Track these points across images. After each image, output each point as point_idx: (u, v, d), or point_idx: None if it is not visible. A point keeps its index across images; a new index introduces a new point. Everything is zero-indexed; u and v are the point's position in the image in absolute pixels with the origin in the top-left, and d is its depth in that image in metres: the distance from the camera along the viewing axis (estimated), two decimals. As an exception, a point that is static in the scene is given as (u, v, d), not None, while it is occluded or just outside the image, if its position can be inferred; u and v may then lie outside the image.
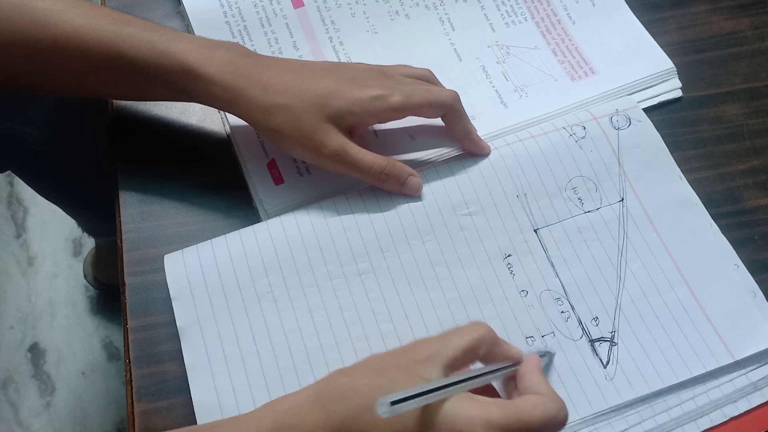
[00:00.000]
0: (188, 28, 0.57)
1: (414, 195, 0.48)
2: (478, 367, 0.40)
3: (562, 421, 0.36)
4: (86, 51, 0.45)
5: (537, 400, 0.36)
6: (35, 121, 0.72)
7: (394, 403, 0.32)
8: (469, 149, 0.50)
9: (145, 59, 0.45)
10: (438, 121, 0.50)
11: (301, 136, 0.45)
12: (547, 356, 0.44)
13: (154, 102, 0.54)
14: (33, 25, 0.45)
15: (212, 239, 0.48)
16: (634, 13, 0.58)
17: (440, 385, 0.34)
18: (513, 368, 0.40)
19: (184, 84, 0.46)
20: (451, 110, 0.48)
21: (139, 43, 0.45)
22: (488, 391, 0.41)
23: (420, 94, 0.47)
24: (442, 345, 0.37)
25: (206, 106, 0.54)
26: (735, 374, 0.45)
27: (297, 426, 0.36)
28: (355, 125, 0.48)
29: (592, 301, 0.47)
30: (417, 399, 0.33)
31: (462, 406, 0.35)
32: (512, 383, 0.40)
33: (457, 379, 0.35)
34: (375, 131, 0.52)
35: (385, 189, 0.48)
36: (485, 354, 0.39)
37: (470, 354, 0.38)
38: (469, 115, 0.51)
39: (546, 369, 0.44)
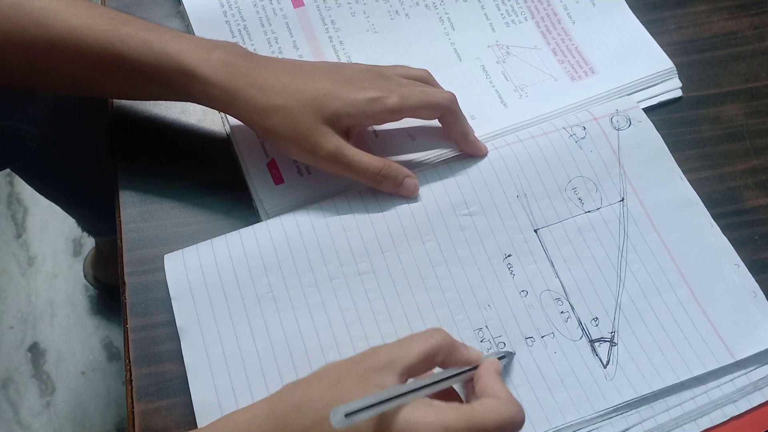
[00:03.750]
0: (188, 28, 0.57)
1: (410, 196, 0.48)
2: (436, 371, 0.39)
3: (519, 424, 0.36)
4: (83, 51, 0.45)
5: (493, 403, 0.36)
6: (35, 119, 0.72)
7: (348, 413, 0.32)
8: (467, 150, 0.50)
9: (142, 59, 0.45)
10: (438, 122, 0.50)
11: (298, 138, 0.45)
12: (507, 357, 0.44)
13: (153, 102, 0.54)
14: (31, 25, 0.45)
15: (212, 239, 0.48)
16: (634, 12, 0.58)
17: (395, 393, 0.34)
18: (470, 371, 0.39)
19: (181, 84, 0.46)
20: (447, 112, 0.48)
21: (137, 43, 0.45)
22: (449, 394, 0.41)
23: (417, 96, 0.47)
24: (399, 352, 0.37)
25: (206, 108, 0.54)
26: (735, 374, 0.45)
27: None
28: (351, 127, 0.48)
29: (592, 302, 0.47)
30: (371, 409, 0.32)
31: (418, 412, 0.35)
32: (471, 386, 0.40)
33: (412, 387, 0.35)
34: (375, 131, 0.52)
35: (382, 190, 0.48)
36: (443, 361, 0.39)
37: (427, 361, 0.38)
38: (468, 115, 0.51)
39: (506, 369, 0.44)
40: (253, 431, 0.36)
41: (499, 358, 0.42)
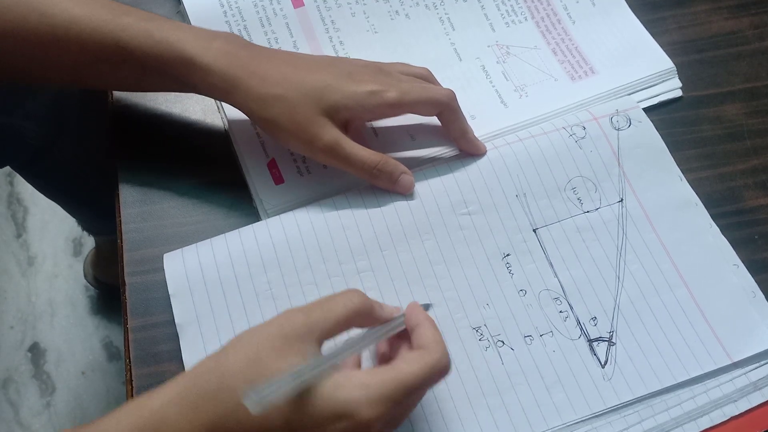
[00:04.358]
0: (188, 28, 0.57)
1: (405, 193, 0.48)
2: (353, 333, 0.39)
3: (443, 369, 0.37)
4: (84, 40, 0.45)
5: (414, 355, 0.37)
6: (34, 116, 0.72)
7: (262, 397, 0.31)
8: (465, 149, 0.50)
9: (143, 49, 0.45)
10: (438, 121, 0.50)
11: (296, 128, 0.45)
12: (426, 308, 0.44)
13: (154, 101, 0.55)
14: (32, 15, 0.45)
15: (212, 238, 0.48)
16: (634, 12, 0.58)
17: (312, 369, 0.33)
18: (392, 332, 0.39)
19: (182, 73, 0.46)
20: (447, 109, 0.48)
21: (137, 32, 0.45)
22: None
23: (416, 92, 0.47)
24: (317, 317, 0.36)
25: (206, 107, 0.54)
26: (735, 373, 0.45)
27: (161, 429, 0.34)
28: (350, 120, 0.48)
29: (590, 301, 0.47)
30: (288, 388, 0.32)
31: (340, 388, 0.34)
32: (406, 342, 0.40)
33: (329, 360, 0.35)
34: (375, 131, 0.52)
35: (377, 185, 0.48)
36: (360, 324, 0.39)
37: (345, 325, 0.38)
38: (469, 115, 0.51)
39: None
40: (166, 418, 0.34)
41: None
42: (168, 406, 0.35)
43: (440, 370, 0.37)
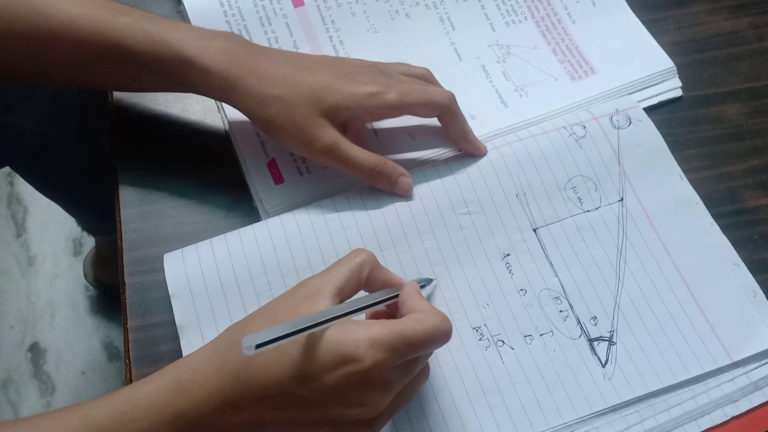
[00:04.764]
0: (188, 28, 0.57)
1: (404, 195, 0.48)
2: (359, 297, 0.40)
3: (446, 333, 0.38)
4: (83, 40, 0.45)
5: (419, 315, 0.37)
6: (33, 115, 0.72)
7: (259, 344, 0.32)
8: (466, 149, 0.50)
9: (141, 48, 0.45)
10: (438, 121, 0.50)
11: (295, 129, 0.45)
12: (426, 283, 0.45)
13: (154, 101, 0.54)
14: (31, 14, 0.45)
15: (212, 238, 0.48)
16: (634, 12, 0.58)
17: (307, 320, 0.34)
18: (394, 299, 0.41)
19: (181, 73, 0.46)
20: (446, 111, 0.48)
21: (136, 32, 0.45)
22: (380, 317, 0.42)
23: (416, 93, 0.47)
24: (326, 277, 0.38)
25: (206, 107, 0.54)
26: (736, 373, 0.45)
27: (194, 380, 0.37)
28: (349, 121, 0.48)
29: (590, 301, 0.47)
30: (279, 334, 0.33)
31: (345, 330, 0.36)
32: (397, 313, 0.41)
33: (331, 315, 0.36)
34: (375, 131, 0.52)
35: (376, 187, 0.48)
36: (368, 277, 0.40)
37: (355, 279, 0.39)
38: (469, 115, 0.51)
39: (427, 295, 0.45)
40: (198, 369, 0.37)
41: (421, 286, 0.43)
42: (200, 360, 0.38)
43: (443, 332, 0.37)
